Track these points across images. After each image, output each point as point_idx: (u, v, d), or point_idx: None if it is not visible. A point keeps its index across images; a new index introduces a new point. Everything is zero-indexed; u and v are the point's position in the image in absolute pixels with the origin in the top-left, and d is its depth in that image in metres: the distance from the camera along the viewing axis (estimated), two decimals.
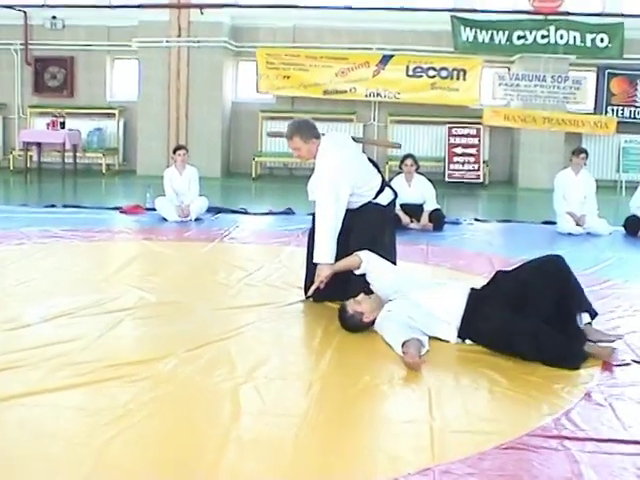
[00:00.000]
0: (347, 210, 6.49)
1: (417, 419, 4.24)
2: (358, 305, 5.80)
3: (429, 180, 12.03)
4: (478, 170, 18.88)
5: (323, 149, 6.60)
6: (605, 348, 5.26)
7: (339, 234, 6.44)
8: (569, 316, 5.41)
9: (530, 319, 5.26)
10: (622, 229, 11.55)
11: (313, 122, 6.76)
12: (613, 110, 19.06)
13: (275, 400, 4.45)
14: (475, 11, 18.72)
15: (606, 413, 4.39)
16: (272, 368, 4.99)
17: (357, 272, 6.27)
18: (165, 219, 11.51)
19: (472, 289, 5.73)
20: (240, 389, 4.56)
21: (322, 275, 6.37)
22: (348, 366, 5.10)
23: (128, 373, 4.76)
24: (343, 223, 6.45)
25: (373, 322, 5.79)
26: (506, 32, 18.47)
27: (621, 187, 18.40)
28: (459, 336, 5.51)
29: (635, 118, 19.09)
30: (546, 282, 5.43)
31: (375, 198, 6.76)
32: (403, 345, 5.17)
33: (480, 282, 6.24)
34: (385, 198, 6.83)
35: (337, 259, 6.41)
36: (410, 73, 19.05)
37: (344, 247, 6.45)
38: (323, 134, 6.76)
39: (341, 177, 6.43)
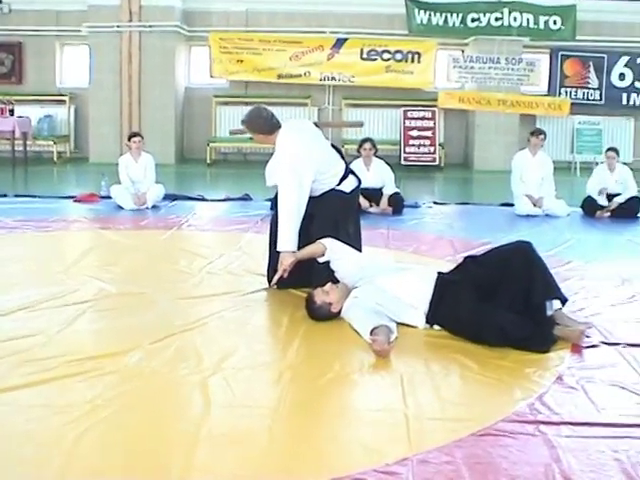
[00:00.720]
0: (310, 197, 6.40)
1: (391, 407, 4.19)
2: (326, 295, 5.73)
3: (387, 164, 11.98)
4: (434, 153, 18.90)
5: (283, 136, 6.51)
6: (574, 330, 5.25)
7: (302, 222, 6.36)
8: (538, 304, 5.37)
9: (498, 310, 5.23)
10: (579, 210, 11.63)
11: (269, 112, 6.66)
12: (566, 92, 19.17)
13: (245, 391, 4.37)
14: None
15: (579, 396, 4.38)
16: (240, 358, 4.91)
17: (321, 260, 6.20)
18: (121, 207, 11.36)
19: (439, 273, 5.69)
20: (209, 381, 4.47)
21: (285, 263, 6.29)
22: (317, 355, 5.03)
23: (93, 368, 4.65)
24: (306, 211, 6.37)
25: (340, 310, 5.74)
26: (460, 14, 18.49)
27: (575, 168, 18.55)
28: (427, 322, 5.47)
29: (588, 99, 19.23)
30: (515, 270, 5.39)
31: (339, 185, 6.68)
32: (371, 332, 5.11)
33: (444, 266, 6.22)
34: (349, 185, 6.75)
35: (300, 247, 6.34)
36: (364, 56, 18.99)
37: (306, 235, 6.38)
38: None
39: (303, 163, 6.34)
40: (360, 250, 6.69)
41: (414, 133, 18.91)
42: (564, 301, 5.49)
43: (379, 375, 4.71)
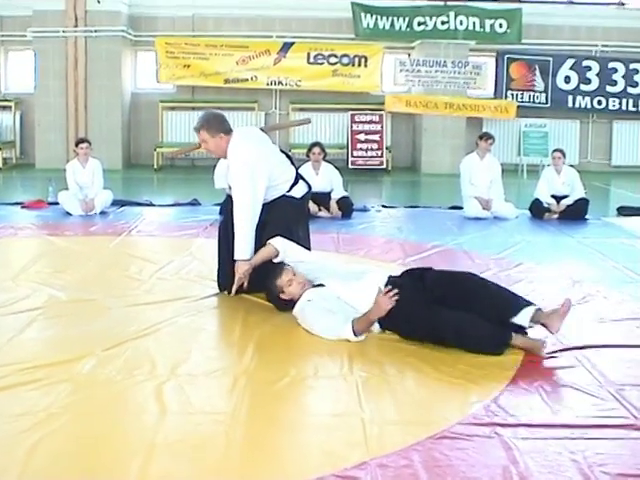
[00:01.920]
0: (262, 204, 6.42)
1: (347, 412, 4.18)
2: (291, 277, 5.90)
3: (336, 168, 11.98)
4: (381, 156, 18.95)
5: (234, 144, 6.48)
6: (535, 341, 5.18)
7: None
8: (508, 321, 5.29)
9: (453, 309, 5.23)
10: (528, 212, 11.72)
11: (224, 117, 6.64)
12: (513, 95, 19.37)
13: (200, 398, 4.33)
14: None
15: (534, 398, 4.40)
16: (194, 365, 4.88)
17: (276, 260, 6.20)
18: (69, 213, 11.24)
19: (390, 277, 5.69)
20: (164, 388, 4.43)
21: (240, 272, 6.27)
22: (272, 360, 5.00)
23: (45, 376, 4.59)
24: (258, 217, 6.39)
25: (291, 303, 5.81)
26: (406, 18, 18.65)
27: (522, 170, 18.71)
28: (381, 326, 5.46)
29: (534, 102, 19.45)
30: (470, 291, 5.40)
31: (289, 191, 6.68)
32: (354, 326, 5.27)
33: (395, 269, 6.23)
34: (299, 191, 6.76)
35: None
36: (311, 60, 19.03)
37: (259, 241, 6.37)
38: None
39: (256, 171, 6.34)
40: None
41: (361, 137, 18.96)
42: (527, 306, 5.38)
43: (335, 380, 4.69)
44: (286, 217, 6.60)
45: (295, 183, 6.74)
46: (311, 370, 4.84)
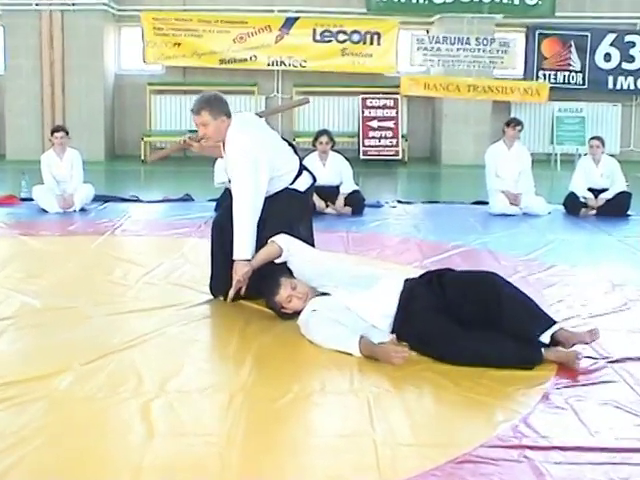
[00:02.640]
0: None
1: (357, 432, 4.18)
2: (291, 290, 5.88)
3: (345, 158, 11.99)
4: (396, 146, 19.00)
5: (233, 131, 6.49)
6: (569, 353, 5.16)
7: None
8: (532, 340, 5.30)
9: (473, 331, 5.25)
10: (562, 208, 11.72)
11: (225, 98, 6.66)
12: (545, 75, 19.40)
13: (192, 417, 4.35)
14: None
15: (568, 417, 4.40)
16: (185, 380, 4.89)
17: (278, 261, 6.21)
18: (45, 211, 11.27)
19: (406, 283, 5.68)
20: (151, 406, 4.44)
21: (239, 274, 6.27)
22: (273, 375, 5.01)
23: (18, 393, 4.59)
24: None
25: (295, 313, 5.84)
26: None
27: (556, 161, 18.70)
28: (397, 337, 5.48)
29: (569, 83, 19.45)
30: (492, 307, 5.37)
31: (292, 183, 6.70)
32: (361, 344, 5.26)
33: (411, 273, 6.23)
34: (303, 183, 6.77)
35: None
36: (317, 38, 19.09)
37: (258, 239, 6.38)
38: None
39: (258, 162, 6.35)
40: None
41: (374, 124, 19.00)
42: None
43: (343, 396, 4.70)
44: (288, 213, 6.61)
45: (299, 174, 6.76)
46: (317, 385, 4.85)
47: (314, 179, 6.97)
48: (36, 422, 4.23)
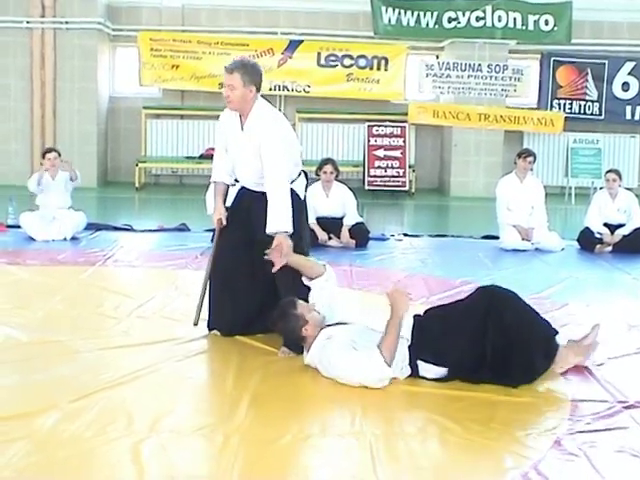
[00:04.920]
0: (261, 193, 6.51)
1: (358, 478, 4.16)
2: (308, 311, 5.84)
3: (349, 189, 12.00)
4: (403, 176, 18.99)
5: (265, 108, 6.61)
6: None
7: (251, 218, 6.59)
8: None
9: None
10: (576, 244, 11.72)
11: (262, 70, 6.69)
12: (560, 104, 19.42)
13: (185, 459, 4.32)
14: None
15: (581, 464, 4.37)
16: (178, 420, 4.87)
17: (309, 282, 6.23)
18: (33, 239, 11.27)
19: (415, 318, 5.74)
20: (142, 447, 4.42)
21: (285, 246, 6.25)
22: (270, 415, 4.99)
23: None
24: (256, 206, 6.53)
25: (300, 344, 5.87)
26: (435, 13, 18.73)
27: (570, 194, 18.70)
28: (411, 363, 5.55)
29: (585, 113, 19.46)
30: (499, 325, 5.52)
31: (295, 180, 6.74)
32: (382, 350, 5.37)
33: (418, 310, 6.24)
34: (301, 185, 6.82)
35: (248, 247, 6.54)
36: (322, 62, 19.15)
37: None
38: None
39: (287, 140, 6.55)
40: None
41: (380, 153, 19.01)
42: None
43: (344, 439, 4.67)
44: (297, 221, 6.62)
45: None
46: (316, 426, 4.84)
47: (307, 179, 7.03)
48: (17, 464, 4.19)
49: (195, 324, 6.78)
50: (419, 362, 5.55)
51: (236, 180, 6.86)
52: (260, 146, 6.39)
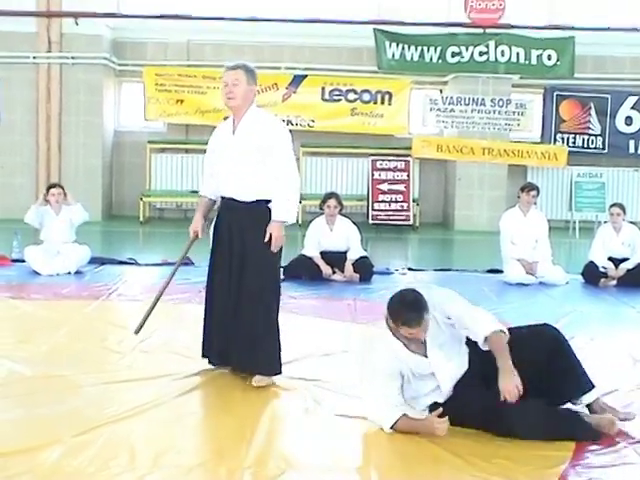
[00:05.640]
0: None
1: None
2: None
3: (353, 223, 12.00)
4: (407, 210, 19.00)
5: (266, 115, 6.69)
6: (603, 418, 5.30)
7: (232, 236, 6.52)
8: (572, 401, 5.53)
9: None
10: (580, 278, 11.70)
11: None
12: (563, 138, 19.44)
13: None
14: (402, 24, 18.85)
15: None
16: (181, 455, 4.85)
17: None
18: (37, 273, 11.28)
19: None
20: None
21: (280, 235, 6.40)
22: (274, 449, 4.97)
23: (1, 467, 4.54)
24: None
25: None
26: (438, 48, 18.79)
27: (574, 228, 18.68)
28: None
29: (589, 147, 19.48)
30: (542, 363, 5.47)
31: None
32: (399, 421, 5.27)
33: None
34: None
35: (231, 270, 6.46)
36: (326, 97, 19.23)
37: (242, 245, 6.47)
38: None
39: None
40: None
41: (384, 187, 19.04)
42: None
43: (349, 474, 4.65)
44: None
45: None
46: (320, 459, 4.81)
47: None
48: None
49: (136, 333, 6.83)
50: None
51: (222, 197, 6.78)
52: (260, 144, 6.38)
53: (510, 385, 5.12)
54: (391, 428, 5.24)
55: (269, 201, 6.47)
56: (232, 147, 6.51)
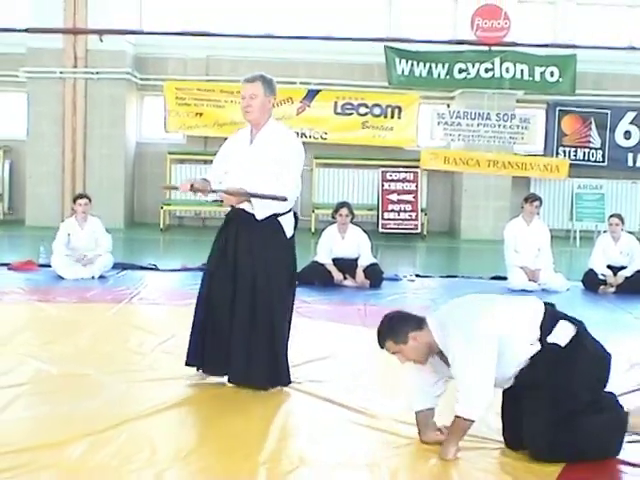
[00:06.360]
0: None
1: None
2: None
3: (364, 231, 12.01)
4: (415, 219, 19.00)
5: (284, 128, 6.64)
6: None
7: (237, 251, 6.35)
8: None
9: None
10: (580, 285, 11.71)
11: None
12: (565, 151, 19.42)
13: None
14: (411, 41, 18.88)
15: None
16: (200, 451, 4.87)
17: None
18: (62, 277, 11.33)
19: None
20: (164, 476, 4.42)
21: (236, 197, 6.28)
22: (289, 446, 5.00)
23: (29, 461, 4.58)
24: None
25: None
26: (446, 65, 18.80)
27: (575, 237, 18.67)
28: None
29: (589, 160, 19.46)
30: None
31: (287, 212, 6.52)
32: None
33: None
34: (289, 222, 6.54)
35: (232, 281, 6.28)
36: (339, 110, 19.24)
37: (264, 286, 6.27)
38: None
39: (301, 166, 6.50)
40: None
41: (394, 197, 19.04)
42: None
43: (360, 471, 4.68)
44: (288, 258, 6.53)
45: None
46: (334, 456, 4.83)
47: (296, 220, 6.70)
48: None
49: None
50: None
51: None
52: (276, 157, 6.25)
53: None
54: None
55: (279, 215, 6.37)
56: (248, 157, 6.37)
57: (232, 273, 6.28)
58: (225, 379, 6.31)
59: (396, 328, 5.15)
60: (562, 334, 5.03)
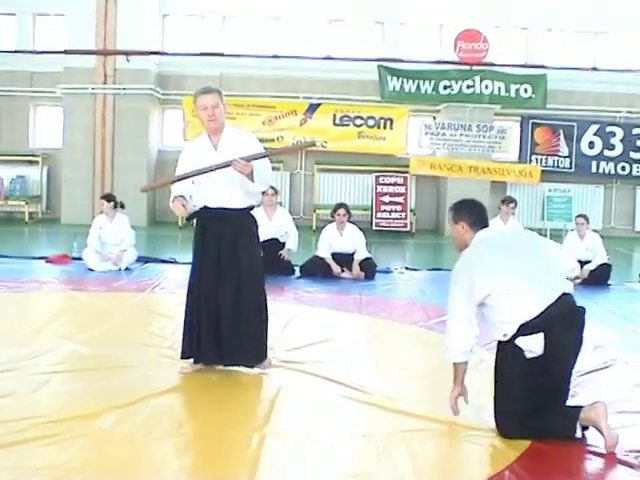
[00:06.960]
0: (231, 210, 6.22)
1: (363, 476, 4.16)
2: None
3: (359, 229, 12.02)
4: (405, 219, 18.99)
5: (237, 129, 6.49)
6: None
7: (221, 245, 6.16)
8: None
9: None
10: None
11: None
12: (537, 159, 19.45)
13: (225, 459, 4.33)
14: (402, 61, 18.97)
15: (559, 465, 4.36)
16: (220, 423, 4.88)
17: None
18: (92, 269, 11.34)
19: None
20: (186, 446, 4.44)
21: (246, 167, 5.95)
22: (294, 419, 5.02)
23: (65, 430, 4.61)
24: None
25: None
26: (432, 82, 18.84)
27: (546, 235, 18.62)
28: None
29: (558, 167, 19.50)
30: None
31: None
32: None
33: (416, 331, 6.18)
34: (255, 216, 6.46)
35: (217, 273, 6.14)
36: (337, 122, 19.23)
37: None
38: None
39: None
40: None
41: (386, 199, 19.02)
42: None
43: (354, 443, 4.69)
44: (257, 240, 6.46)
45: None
46: (336, 426, 4.84)
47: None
48: (80, 457, 4.24)
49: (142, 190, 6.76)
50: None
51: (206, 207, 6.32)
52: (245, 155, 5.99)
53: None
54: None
55: (252, 208, 6.32)
56: (218, 161, 6.08)
57: (217, 260, 6.10)
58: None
59: (461, 211, 5.27)
60: (530, 346, 4.90)
